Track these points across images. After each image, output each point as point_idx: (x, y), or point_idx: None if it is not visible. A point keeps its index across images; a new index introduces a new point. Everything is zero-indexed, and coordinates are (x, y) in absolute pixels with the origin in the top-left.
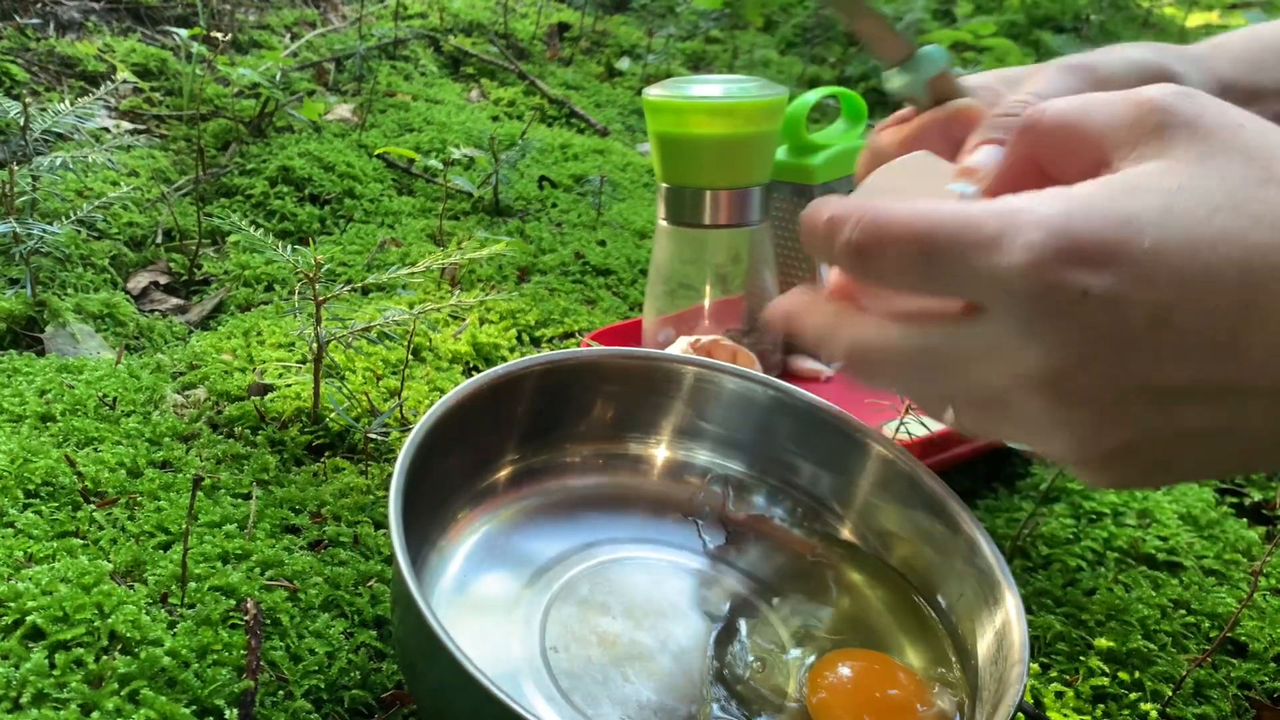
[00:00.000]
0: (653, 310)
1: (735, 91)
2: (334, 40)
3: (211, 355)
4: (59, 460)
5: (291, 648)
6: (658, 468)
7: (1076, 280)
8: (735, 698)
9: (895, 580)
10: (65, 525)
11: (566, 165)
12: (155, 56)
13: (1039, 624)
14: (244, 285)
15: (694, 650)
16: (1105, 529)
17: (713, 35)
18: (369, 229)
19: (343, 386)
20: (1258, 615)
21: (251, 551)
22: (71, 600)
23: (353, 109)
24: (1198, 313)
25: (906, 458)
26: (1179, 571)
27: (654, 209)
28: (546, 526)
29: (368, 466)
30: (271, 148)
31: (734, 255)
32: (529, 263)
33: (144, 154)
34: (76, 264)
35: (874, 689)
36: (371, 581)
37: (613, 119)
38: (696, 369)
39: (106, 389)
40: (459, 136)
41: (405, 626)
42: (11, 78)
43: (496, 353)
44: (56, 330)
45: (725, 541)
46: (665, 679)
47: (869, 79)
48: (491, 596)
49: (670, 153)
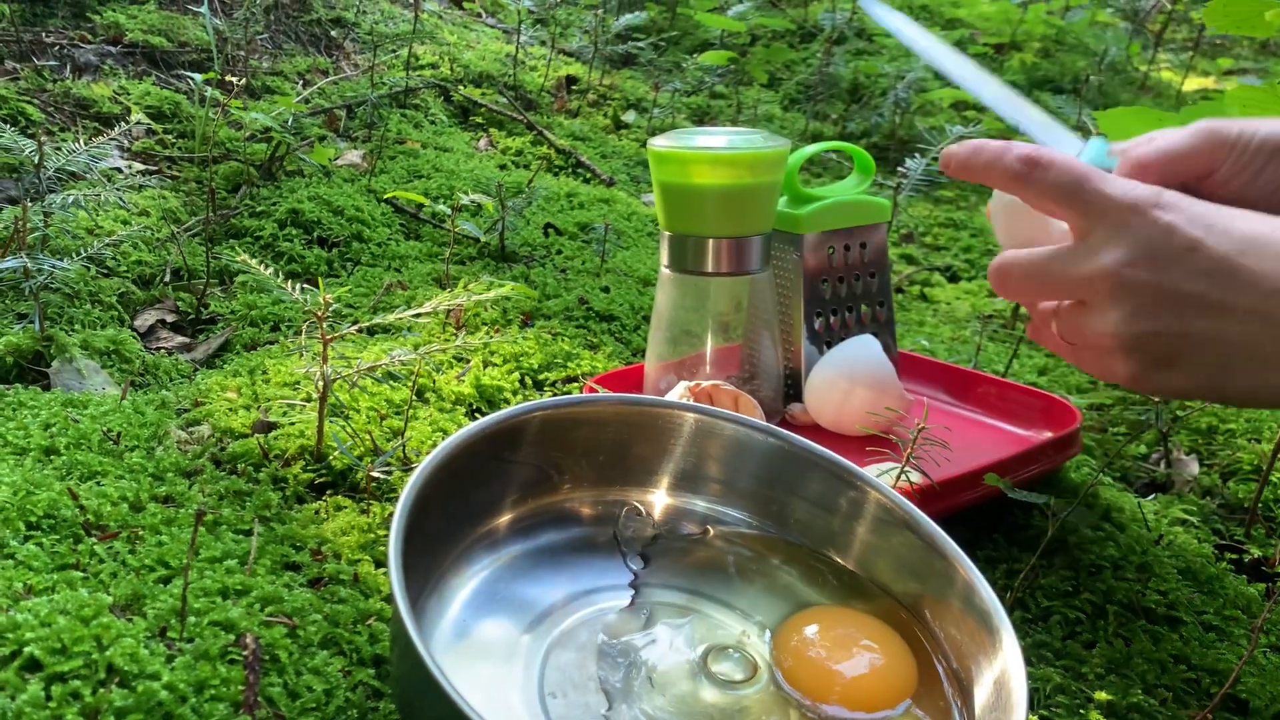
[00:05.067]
0: (655, 356)
1: (739, 143)
2: (346, 88)
3: (216, 393)
4: (61, 493)
5: (289, 684)
6: (658, 514)
7: (1152, 214)
8: None
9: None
10: (66, 558)
11: (572, 213)
12: (169, 100)
13: (1038, 676)
14: (250, 325)
15: (692, 695)
16: (1105, 582)
17: (718, 90)
18: (376, 272)
19: (346, 425)
20: (1258, 672)
21: (251, 587)
22: (70, 632)
23: (363, 155)
24: (1217, 247)
25: (905, 505)
26: (1179, 626)
27: (657, 257)
28: (547, 572)
29: (369, 506)
30: (281, 191)
31: (736, 303)
32: (533, 308)
33: (155, 194)
34: (85, 300)
35: (840, 647)
36: (371, 620)
37: (618, 169)
38: (697, 416)
39: (111, 424)
40: (467, 184)
41: (403, 667)
42: (27, 117)
43: (500, 395)
44: (63, 365)
45: (723, 584)
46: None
47: (869, 135)
48: (490, 641)
49: (674, 202)
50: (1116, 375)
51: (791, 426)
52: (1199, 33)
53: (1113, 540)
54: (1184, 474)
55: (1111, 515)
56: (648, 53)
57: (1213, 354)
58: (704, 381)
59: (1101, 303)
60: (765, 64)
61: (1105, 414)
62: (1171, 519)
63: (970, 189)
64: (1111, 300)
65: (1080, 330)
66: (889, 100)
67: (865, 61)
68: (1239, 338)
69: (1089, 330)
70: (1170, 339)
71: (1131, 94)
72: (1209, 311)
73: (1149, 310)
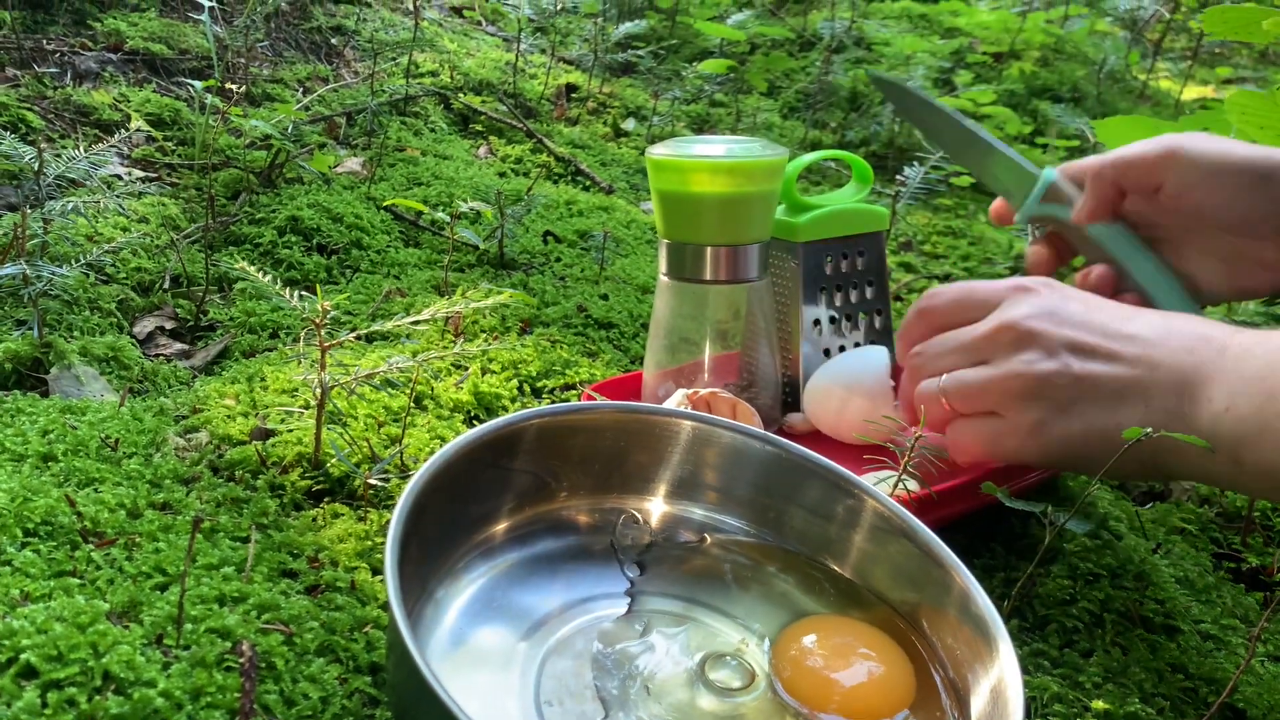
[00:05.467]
0: (653, 364)
1: (737, 151)
2: (345, 95)
3: (214, 400)
4: (59, 500)
5: (286, 692)
6: (655, 522)
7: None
8: None
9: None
10: (63, 564)
11: (571, 221)
12: (169, 107)
13: (1036, 684)
14: (249, 332)
15: (688, 703)
16: (1103, 590)
17: (717, 99)
18: (375, 279)
19: (344, 433)
20: (1255, 681)
21: (248, 594)
22: (66, 639)
23: (362, 162)
24: (1101, 309)
25: (902, 513)
26: (1176, 635)
27: (656, 265)
28: (544, 580)
29: (367, 513)
30: (281, 198)
31: (734, 311)
32: (532, 315)
33: (154, 201)
34: (84, 307)
35: (839, 656)
36: (368, 627)
37: (618, 177)
38: (694, 423)
39: (109, 431)
40: (466, 191)
41: (399, 674)
42: (27, 124)
43: (498, 403)
44: (61, 372)
45: (720, 592)
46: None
47: (869, 144)
48: (487, 649)
49: (672, 210)
50: (1013, 432)
51: (791, 437)
52: (1198, 42)
53: (1110, 549)
54: (1181, 483)
55: (1109, 524)
56: (647, 61)
57: (1106, 394)
58: (702, 389)
59: (1008, 351)
60: (765, 72)
61: None
62: (1169, 528)
63: (969, 197)
64: (1017, 346)
65: (984, 385)
66: (888, 109)
67: (864, 70)
68: (1129, 378)
69: (993, 380)
70: (1072, 380)
71: (1130, 103)
72: (1101, 358)
73: (1053, 354)
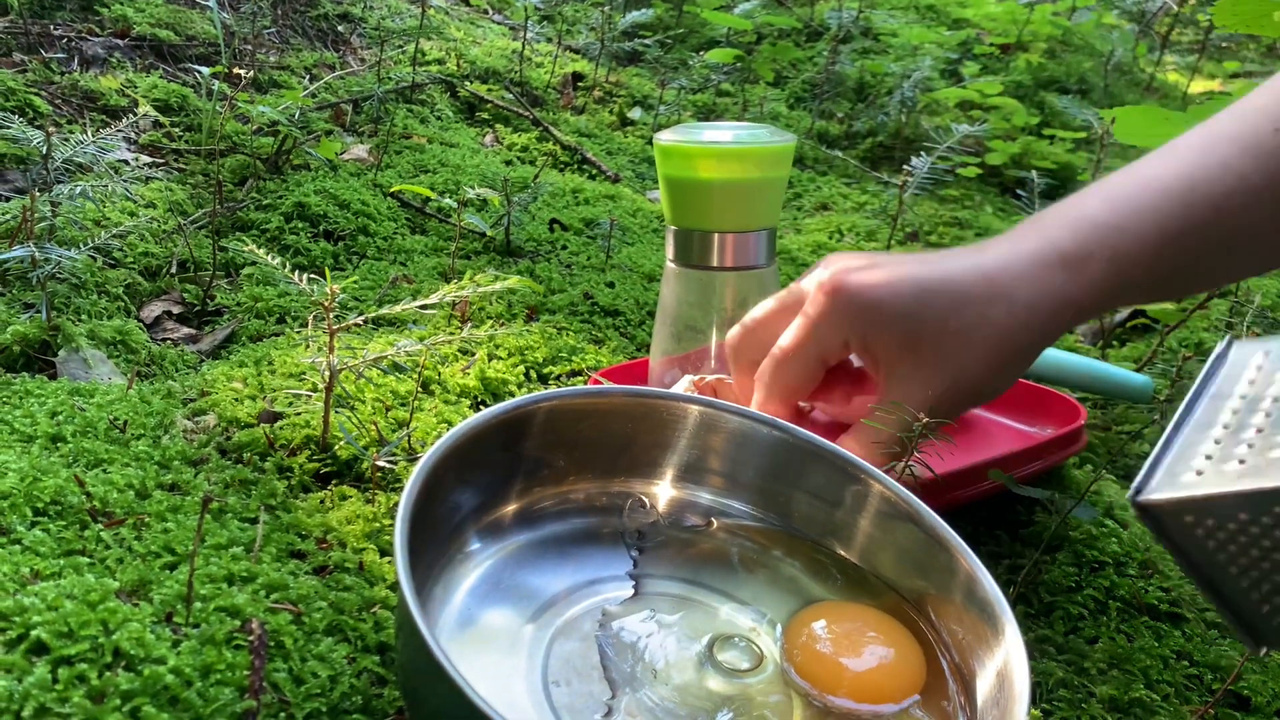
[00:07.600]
0: (659, 351)
1: (745, 137)
2: (352, 83)
3: (222, 383)
4: (68, 480)
5: (294, 670)
6: (662, 506)
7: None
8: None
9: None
10: (72, 543)
11: (577, 209)
12: (176, 93)
13: (1041, 670)
14: (256, 317)
15: (696, 684)
16: (1108, 578)
17: (724, 88)
18: (381, 266)
19: (352, 416)
20: (1260, 669)
21: (257, 574)
22: (76, 616)
23: (369, 149)
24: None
25: (908, 498)
26: (1181, 623)
27: (662, 253)
28: (551, 562)
29: (374, 495)
30: (288, 184)
31: (741, 298)
32: (538, 302)
33: (162, 187)
34: (91, 291)
35: (852, 641)
36: (376, 608)
37: (624, 166)
38: (701, 408)
39: (117, 413)
40: (473, 179)
41: (408, 653)
42: (35, 109)
43: (504, 388)
44: (69, 355)
45: (726, 576)
46: (667, 714)
47: (876, 134)
48: (494, 630)
49: (679, 196)
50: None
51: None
52: (1205, 35)
53: (1115, 537)
54: None
55: (1115, 512)
56: (654, 50)
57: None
58: (708, 375)
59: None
60: (771, 62)
61: (1109, 412)
62: None
63: (975, 188)
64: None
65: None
66: (895, 99)
67: (871, 60)
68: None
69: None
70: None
71: (1137, 95)
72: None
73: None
